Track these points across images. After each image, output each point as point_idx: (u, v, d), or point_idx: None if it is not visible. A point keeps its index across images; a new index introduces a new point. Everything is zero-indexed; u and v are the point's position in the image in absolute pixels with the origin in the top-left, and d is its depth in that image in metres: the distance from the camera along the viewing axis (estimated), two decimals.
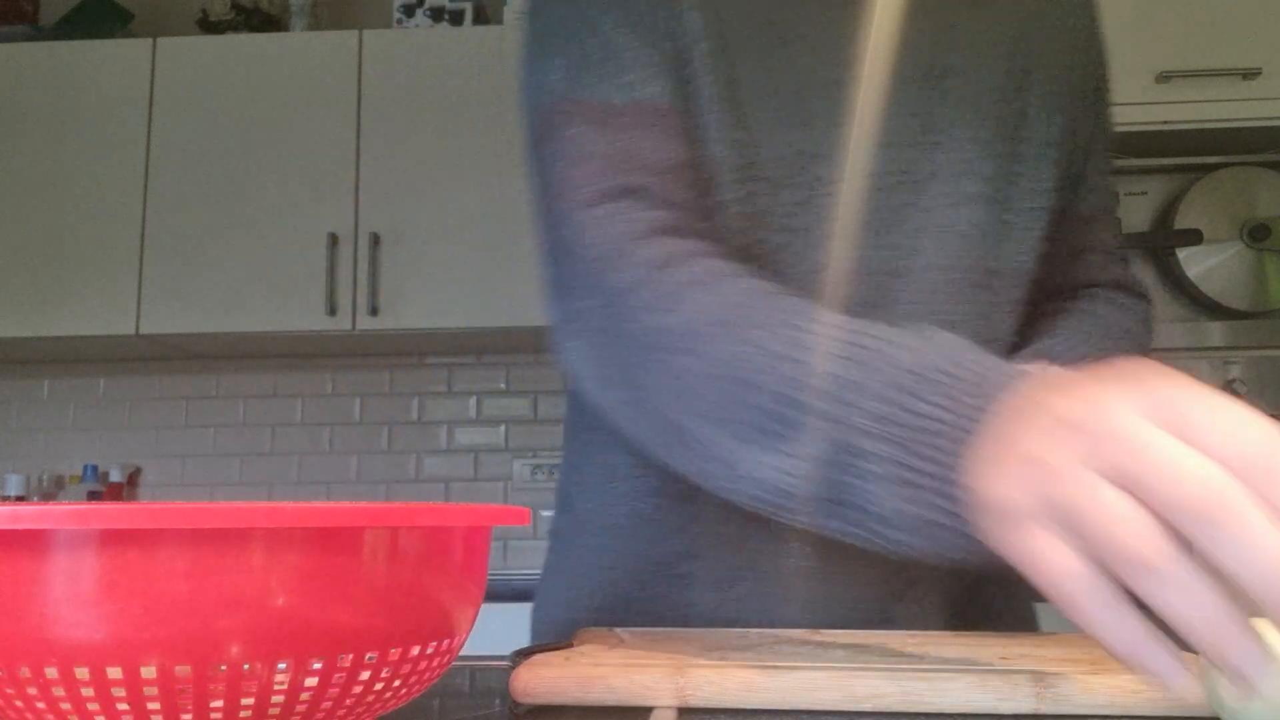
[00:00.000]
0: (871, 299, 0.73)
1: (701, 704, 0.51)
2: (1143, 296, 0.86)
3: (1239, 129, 2.09)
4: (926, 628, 0.75)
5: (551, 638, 0.78)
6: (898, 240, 0.73)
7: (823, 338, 0.53)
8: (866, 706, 0.50)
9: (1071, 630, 0.52)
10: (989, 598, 0.80)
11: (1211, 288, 2.01)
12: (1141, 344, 0.82)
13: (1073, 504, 0.37)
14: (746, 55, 0.72)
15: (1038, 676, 0.49)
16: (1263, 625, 0.37)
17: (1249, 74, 2.06)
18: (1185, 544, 0.35)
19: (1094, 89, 0.83)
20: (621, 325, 0.61)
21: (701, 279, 0.60)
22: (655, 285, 0.60)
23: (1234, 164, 2.06)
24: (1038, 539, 0.39)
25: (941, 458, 0.46)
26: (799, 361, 0.53)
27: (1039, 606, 0.82)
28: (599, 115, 0.68)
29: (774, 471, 0.54)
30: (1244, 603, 0.35)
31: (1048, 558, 0.38)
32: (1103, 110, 0.85)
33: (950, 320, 0.73)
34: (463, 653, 0.72)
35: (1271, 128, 2.08)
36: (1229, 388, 1.97)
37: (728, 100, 0.71)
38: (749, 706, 0.51)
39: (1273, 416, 0.37)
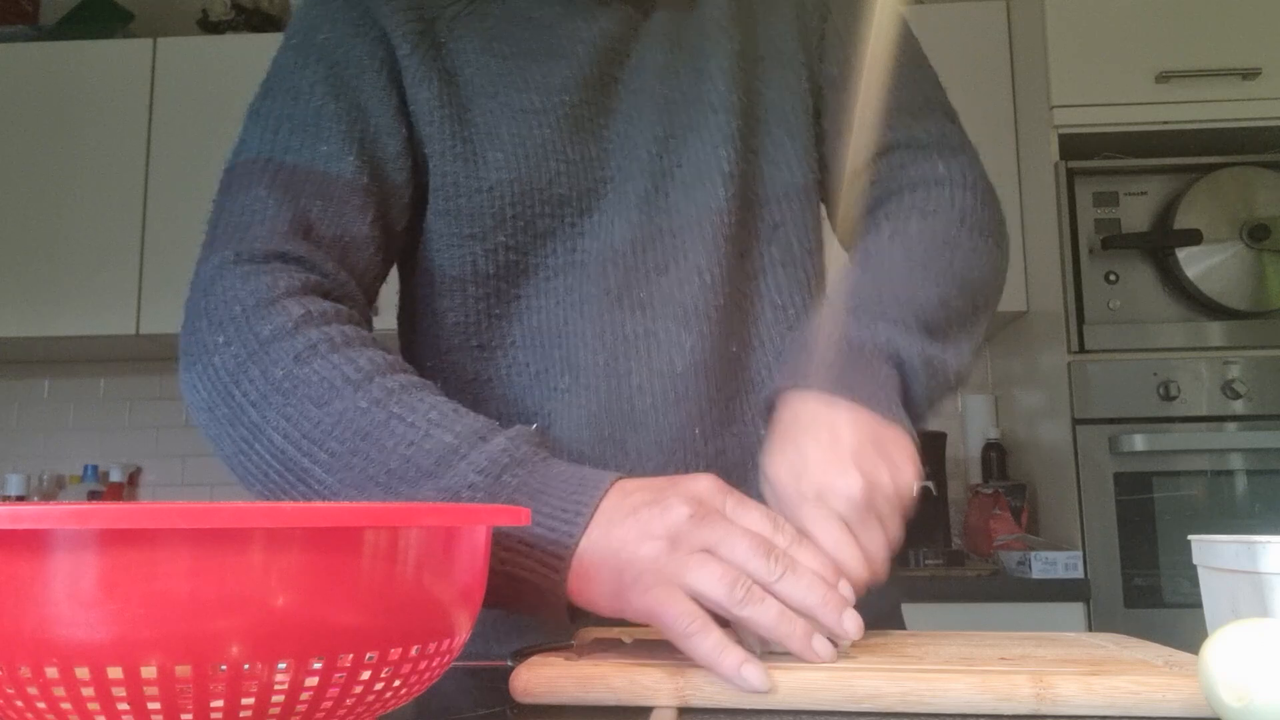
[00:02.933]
0: (660, 263, 0.78)
1: (701, 704, 0.51)
2: (937, 148, 0.84)
3: (1239, 129, 2.09)
4: None
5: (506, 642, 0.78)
6: (672, 201, 0.79)
7: (434, 409, 0.62)
8: (866, 706, 0.50)
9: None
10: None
11: (1211, 288, 2.01)
12: (929, 227, 0.79)
13: (685, 570, 0.54)
14: (500, 98, 0.78)
15: (1037, 676, 0.49)
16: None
17: (1249, 74, 2.06)
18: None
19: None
20: (259, 370, 0.64)
21: (337, 341, 0.65)
22: (298, 336, 0.64)
23: (1234, 164, 2.05)
24: (661, 593, 0.54)
25: (542, 535, 0.58)
26: (404, 420, 0.61)
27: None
28: (286, 179, 0.73)
29: None
30: None
31: (671, 606, 0.53)
32: (840, 24, 0.87)
33: (730, 261, 0.78)
34: (462, 653, 0.71)
35: (1271, 128, 2.08)
36: (1228, 388, 1.97)
37: (487, 142, 0.77)
38: (749, 707, 0.51)
39: (1272, 417, 0.37)
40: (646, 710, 0.50)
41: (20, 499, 2.58)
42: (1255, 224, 2.01)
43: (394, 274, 0.84)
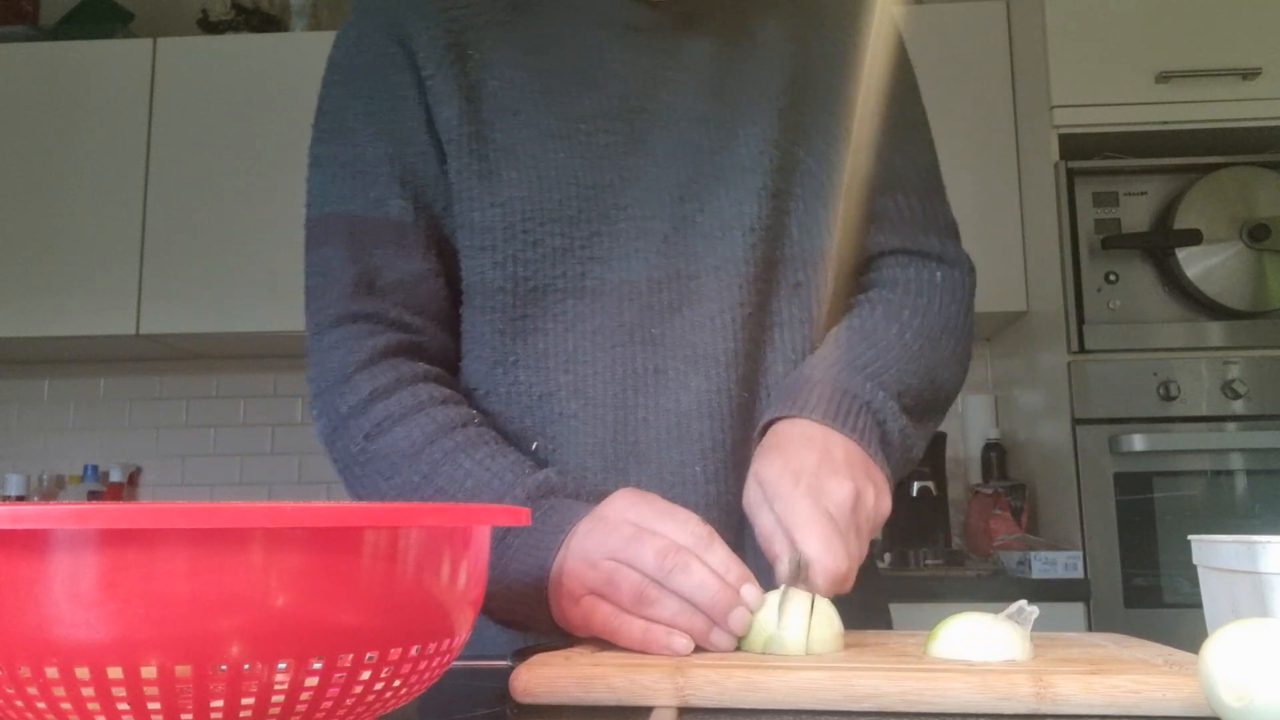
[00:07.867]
0: (674, 303, 0.79)
1: (701, 704, 0.51)
2: (938, 259, 0.88)
3: (1239, 129, 2.09)
4: None
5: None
6: (691, 246, 0.79)
7: (469, 477, 0.72)
8: (866, 706, 0.50)
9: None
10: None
11: (1211, 288, 2.00)
12: (920, 324, 0.83)
13: (607, 580, 0.63)
14: (522, 116, 0.79)
15: (1037, 676, 0.49)
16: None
17: (1249, 74, 2.06)
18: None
19: (874, 67, 0.87)
20: (342, 443, 0.76)
21: (398, 414, 0.75)
22: (368, 414, 0.75)
23: (1234, 164, 2.05)
24: (587, 604, 0.64)
25: (527, 571, 0.68)
26: (447, 494, 0.72)
27: None
28: (347, 231, 0.79)
29: None
30: None
31: (595, 612, 0.63)
32: (887, 84, 0.88)
33: (746, 311, 0.79)
34: (462, 653, 0.72)
35: (1271, 128, 2.08)
36: (1228, 388, 1.97)
37: (504, 160, 0.78)
38: (749, 706, 0.51)
39: (1272, 417, 0.38)
40: (646, 710, 0.50)
41: (20, 499, 2.58)
42: (1255, 224, 2.01)
43: None
